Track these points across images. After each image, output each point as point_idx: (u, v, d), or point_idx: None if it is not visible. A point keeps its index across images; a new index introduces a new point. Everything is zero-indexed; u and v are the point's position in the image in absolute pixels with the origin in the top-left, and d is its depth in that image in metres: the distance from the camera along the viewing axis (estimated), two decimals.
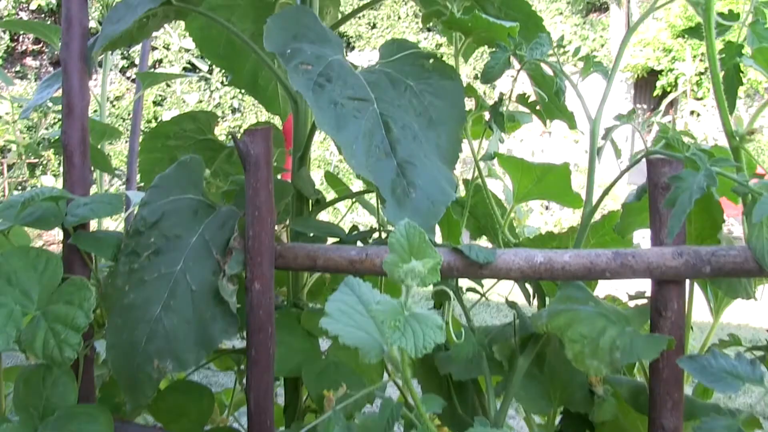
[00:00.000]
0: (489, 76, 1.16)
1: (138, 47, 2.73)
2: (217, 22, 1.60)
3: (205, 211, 1.26)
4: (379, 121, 1.13)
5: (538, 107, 1.31)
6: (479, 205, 1.45)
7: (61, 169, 1.38)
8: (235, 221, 1.21)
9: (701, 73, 13.91)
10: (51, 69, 14.66)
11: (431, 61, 1.30)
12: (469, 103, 1.33)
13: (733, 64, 0.96)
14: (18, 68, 14.56)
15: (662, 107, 11.26)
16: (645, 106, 16.22)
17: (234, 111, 14.80)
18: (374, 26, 16.07)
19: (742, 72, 0.98)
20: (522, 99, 1.30)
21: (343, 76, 1.16)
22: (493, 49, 1.19)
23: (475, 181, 1.38)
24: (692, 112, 12.66)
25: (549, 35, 1.11)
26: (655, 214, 0.99)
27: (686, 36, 0.99)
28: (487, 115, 1.30)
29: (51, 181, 10.78)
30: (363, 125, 1.10)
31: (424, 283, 0.76)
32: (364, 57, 14.67)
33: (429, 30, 16.54)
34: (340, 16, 1.99)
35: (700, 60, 13.55)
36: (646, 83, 15.75)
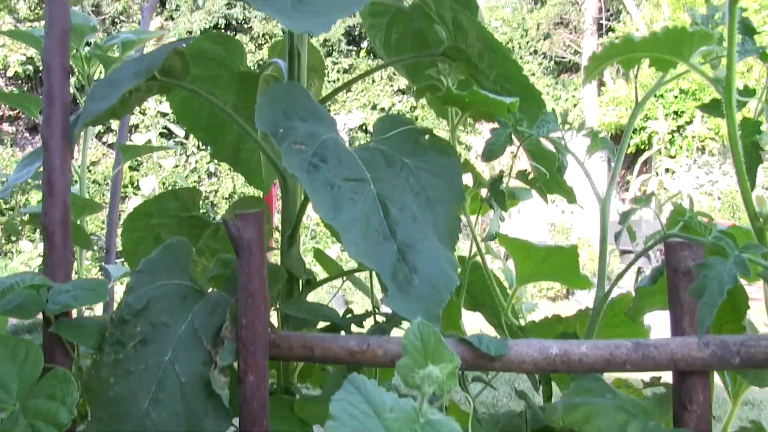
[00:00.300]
0: (491, 153, 1.12)
1: None
2: (201, 96, 1.56)
3: (194, 298, 1.20)
4: (377, 202, 1.08)
5: (538, 184, 1.27)
6: (476, 282, 1.40)
7: (38, 234, 1.32)
8: (226, 308, 1.15)
9: (674, 131, 14.11)
10: (27, 135, 14.61)
11: (427, 137, 1.26)
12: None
13: (751, 141, 0.93)
14: None
15: (637, 165, 11.35)
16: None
17: (210, 175, 14.75)
18: (349, 90, 16.19)
19: (762, 149, 0.94)
20: (522, 175, 1.26)
21: (337, 156, 1.11)
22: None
23: (472, 258, 1.33)
24: (667, 170, 12.79)
25: (554, 112, 1.07)
26: (676, 300, 0.94)
27: (703, 112, 0.96)
28: (484, 191, 1.27)
29: (28, 247, 10.63)
30: (360, 208, 1.06)
31: (441, 389, 0.71)
32: (340, 120, 14.74)
33: (403, 93, 16.71)
34: (324, 87, 1.97)
35: (673, 118, 13.76)
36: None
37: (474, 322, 1.43)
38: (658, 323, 1.23)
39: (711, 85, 0.87)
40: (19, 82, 14.37)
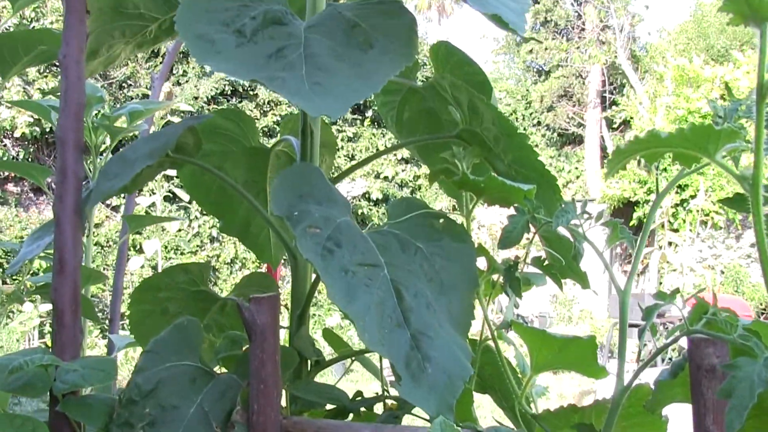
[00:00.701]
0: (508, 241, 1.12)
1: None
2: (211, 172, 1.57)
3: (204, 379, 1.18)
4: (391, 288, 1.07)
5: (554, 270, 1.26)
6: (486, 365, 1.38)
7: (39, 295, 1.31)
8: (237, 392, 1.14)
9: (677, 205, 14.18)
10: (32, 195, 14.66)
11: (441, 221, 1.25)
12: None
13: None
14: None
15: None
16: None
17: (213, 240, 14.79)
18: (352, 158, 16.32)
19: None
20: (537, 261, 1.25)
21: (352, 240, 1.11)
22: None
23: (484, 342, 1.31)
24: (670, 243, 12.81)
25: (573, 202, 1.07)
26: (699, 397, 0.92)
27: (724, 206, 0.95)
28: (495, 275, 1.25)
29: (29, 307, 10.57)
30: (374, 294, 1.04)
31: None
32: (343, 188, 14.83)
33: (407, 162, 16.84)
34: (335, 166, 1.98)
35: (676, 192, 13.83)
36: (623, 214, 15.99)
37: (481, 401, 1.40)
38: (675, 415, 1.21)
39: (737, 182, 0.87)
40: (26, 143, 14.49)
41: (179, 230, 14.17)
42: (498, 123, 1.25)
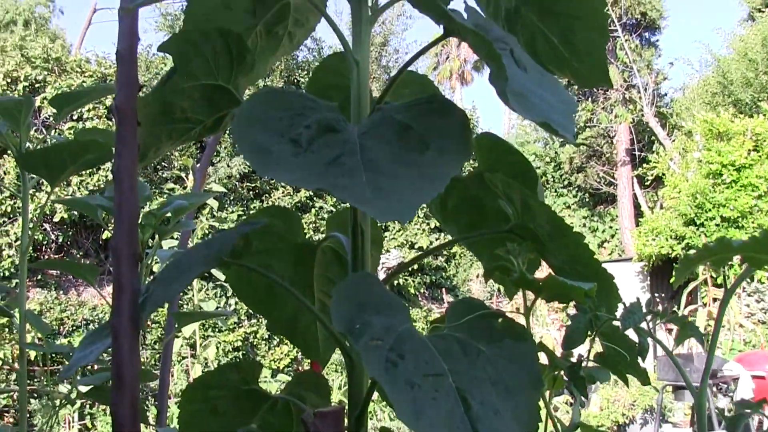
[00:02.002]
0: (572, 342, 1.10)
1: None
2: (259, 272, 1.57)
3: None
4: (457, 398, 1.05)
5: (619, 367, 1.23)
6: None
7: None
8: None
9: None
10: (71, 278, 14.80)
11: (500, 320, 1.24)
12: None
13: None
14: (39, 277, 14.73)
15: (683, 296, 11.18)
16: (663, 295, 16.17)
17: (250, 317, 14.80)
18: (386, 229, 16.36)
19: None
20: (601, 359, 1.23)
21: (415, 350, 1.09)
22: None
23: None
24: (714, 299, 12.55)
25: (639, 302, 1.05)
26: None
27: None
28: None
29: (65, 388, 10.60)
30: (441, 408, 1.02)
31: None
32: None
33: (440, 231, 16.83)
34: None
35: None
36: (662, 271, 15.80)
37: None
38: None
39: None
40: (65, 227, 14.71)
41: (216, 307, 14.20)
42: (552, 221, 1.25)
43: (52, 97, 2.34)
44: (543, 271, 1.27)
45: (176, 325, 2.49)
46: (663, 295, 16.27)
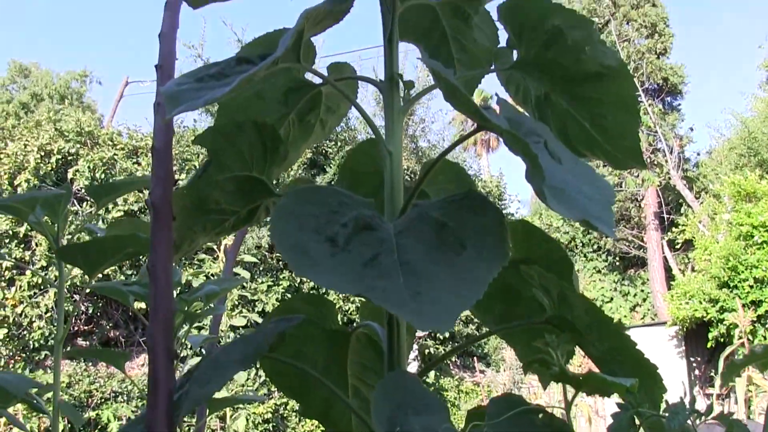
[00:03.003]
0: None
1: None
2: (290, 365, 1.56)
3: None
4: None
5: None
6: None
7: None
8: None
9: (754, 322, 13.71)
10: (99, 346, 14.80)
11: (540, 416, 1.22)
12: None
13: None
14: (68, 348, 14.76)
15: (721, 360, 10.93)
16: (699, 359, 15.87)
17: None
18: None
19: None
20: None
21: None
22: None
23: None
24: None
25: (682, 402, 1.03)
26: None
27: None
28: None
29: None
30: None
31: None
32: None
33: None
34: None
35: (752, 309, 13.41)
36: (696, 334, 15.53)
37: None
38: None
39: None
40: (95, 298, 14.76)
41: (246, 379, 14.09)
42: (590, 313, 1.24)
43: (90, 187, 2.37)
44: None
45: (207, 411, 2.47)
46: (699, 359, 15.97)
